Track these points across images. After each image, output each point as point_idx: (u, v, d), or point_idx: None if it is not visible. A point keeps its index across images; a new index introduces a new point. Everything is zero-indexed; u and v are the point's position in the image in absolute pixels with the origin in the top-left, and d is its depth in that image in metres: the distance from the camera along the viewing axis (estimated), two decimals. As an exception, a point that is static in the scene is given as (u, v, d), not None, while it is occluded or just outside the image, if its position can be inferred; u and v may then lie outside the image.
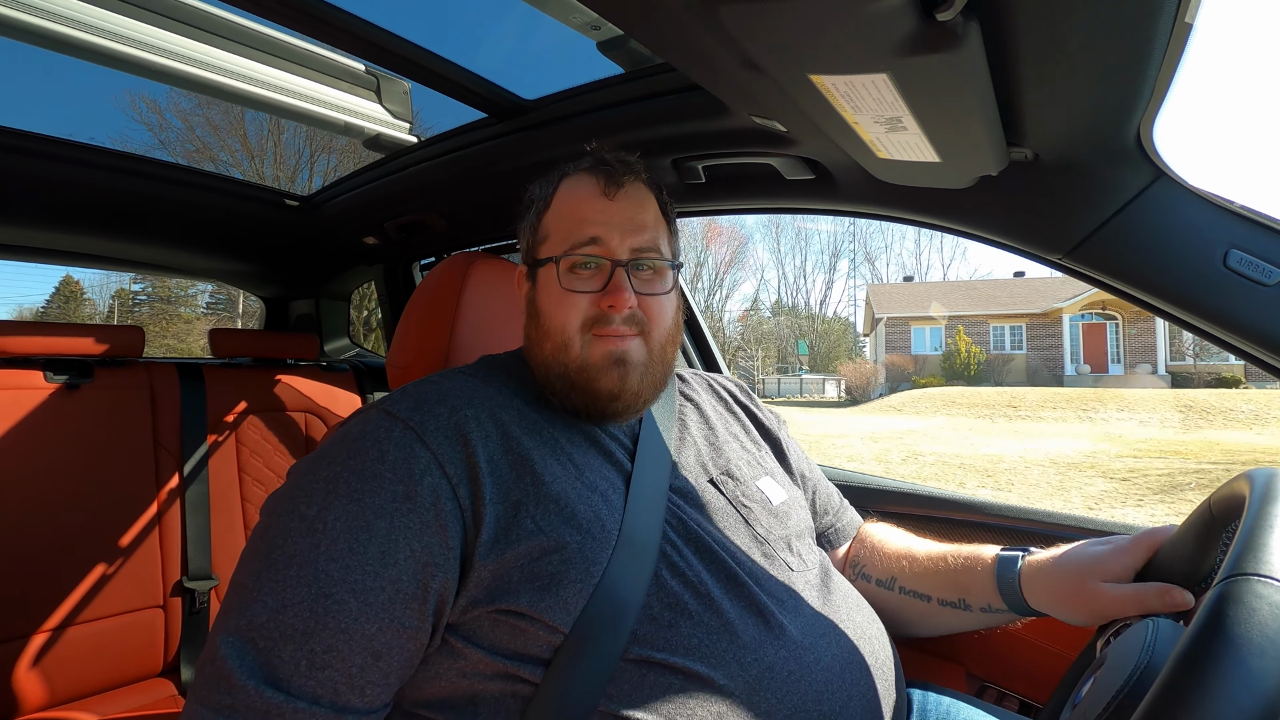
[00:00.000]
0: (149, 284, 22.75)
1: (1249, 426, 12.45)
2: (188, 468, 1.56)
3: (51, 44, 1.06)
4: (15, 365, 1.42)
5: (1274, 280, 0.72)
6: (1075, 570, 0.71)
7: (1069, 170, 0.80)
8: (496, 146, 1.28)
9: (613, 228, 0.74)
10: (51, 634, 1.34)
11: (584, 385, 0.72)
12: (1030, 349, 21.74)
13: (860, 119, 0.68)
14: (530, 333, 0.78)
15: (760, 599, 0.67)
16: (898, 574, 0.88)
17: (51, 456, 1.39)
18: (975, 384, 20.13)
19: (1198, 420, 13.19)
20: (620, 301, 0.72)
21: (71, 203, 1.50)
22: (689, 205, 1.28)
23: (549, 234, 0.77)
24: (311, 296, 2.27)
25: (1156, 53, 0.56)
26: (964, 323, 22.21)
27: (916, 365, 22.14)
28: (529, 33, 1.11)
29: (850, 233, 41.73)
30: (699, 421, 0.88)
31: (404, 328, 1.01)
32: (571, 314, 0.73)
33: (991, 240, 0.96)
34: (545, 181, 0.81)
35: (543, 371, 0.75)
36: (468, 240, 1.69)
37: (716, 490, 0.78)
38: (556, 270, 0.74)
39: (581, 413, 0.74)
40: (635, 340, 0.74)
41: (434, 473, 0.61)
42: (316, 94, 1.33)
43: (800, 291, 38.68)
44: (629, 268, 0.74)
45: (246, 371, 1.77)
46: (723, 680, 0.60)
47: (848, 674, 0.67)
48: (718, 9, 0.54)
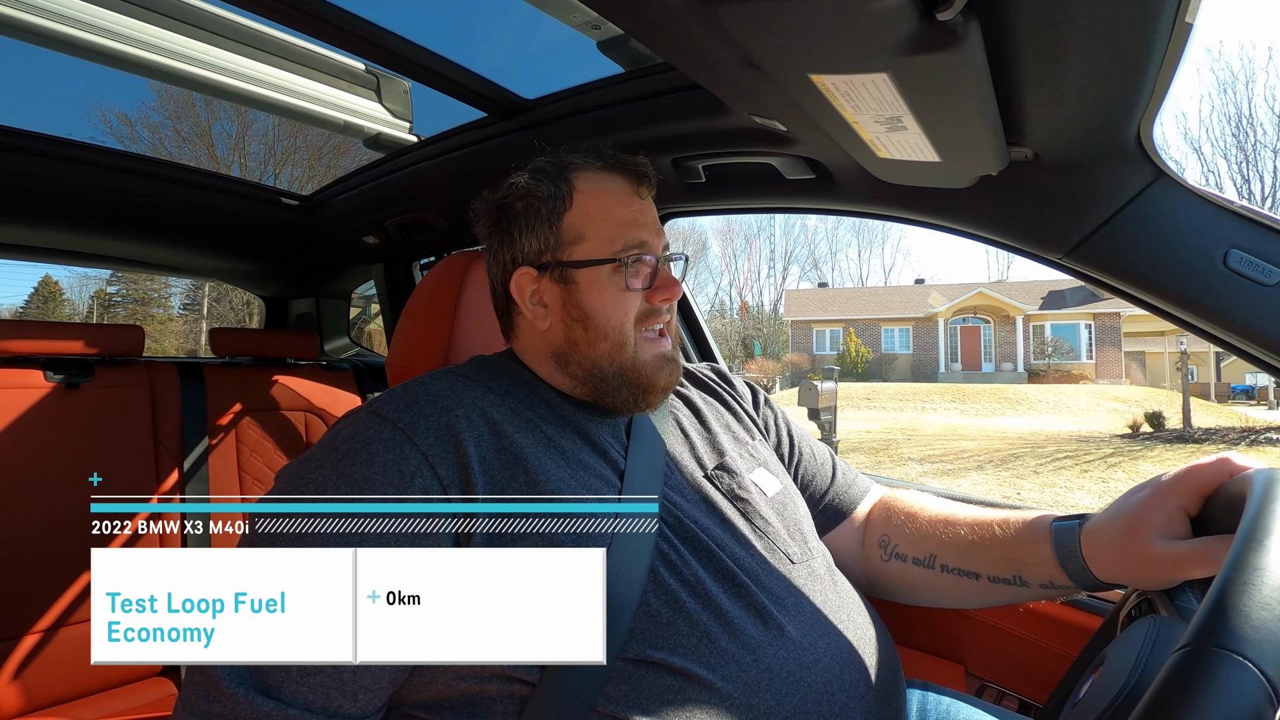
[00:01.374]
0: (124, 285, 23.07)
1: (1038, 413, 15.53)
2: (187, 466, 1.56)
3: (53, 43, 1.06)
4: (15, 364, 1.42)
5: (1274, 280, 0.72)
6: (1125, 530, 0.63)
7: (1069, 170, 0.80)
8: (496, 146, 1.28)
9: (650, 229, 0.77)
10: (51, 633, 1.34)
11: (638, 382, 0.75)
12: (915, 349, 24.52)
13: (860, 118, 0.68)
14: (575, 336, 0.75)
15: (758, 598, 0.67)
16: (937, 550, 0.81)
17: (52, 455, 1.39)
18: (863, 380, 23.04)
19: (1005, 409, 16.34)
20: (674, 293, 0.76)
21: (71, 202, 1.50)
22: (689, 205, 1.28)
23: (584, 235, 0.75)
24: (311, 296, 2.27)
25: (1157, 52, 0.56)
26: (857, 325, 25.28)
27: (813, 363, 24.47)
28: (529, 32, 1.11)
29: (799, 238, 43.69)
30: (690, 415, 0.87)
31: (403, 328, 1.01)
32: (628, 313, 0.75)
33: (991, 240, 0.96)
34: (548, 179, 0.77)
35: (593, 372, 0.75)
36: (468, 239, 1.69)
37: (713, 485, 0.77)
38: (611, 271, 0.74)
39: (622, 406, 0.76)
40: (666, 338, 0.78)
41: (425, 474, 0.61)
42: (317, 93, 1.33)
43: (754, 294, 39.91)
44: (663, 262, 0.78)
45: (246, 371, 1.77)
46: (720, 683, 0.60)
47: (847, 674, 0.66)
48: (718, 8, 0.53)
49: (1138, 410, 13.58)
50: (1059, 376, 21.66)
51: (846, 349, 24.66)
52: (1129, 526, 0.63)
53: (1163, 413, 12.63)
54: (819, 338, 26.31)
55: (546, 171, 0.77)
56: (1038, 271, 46.29)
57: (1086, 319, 22.79)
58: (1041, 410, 16.04)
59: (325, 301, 2.28)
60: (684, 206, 1.29)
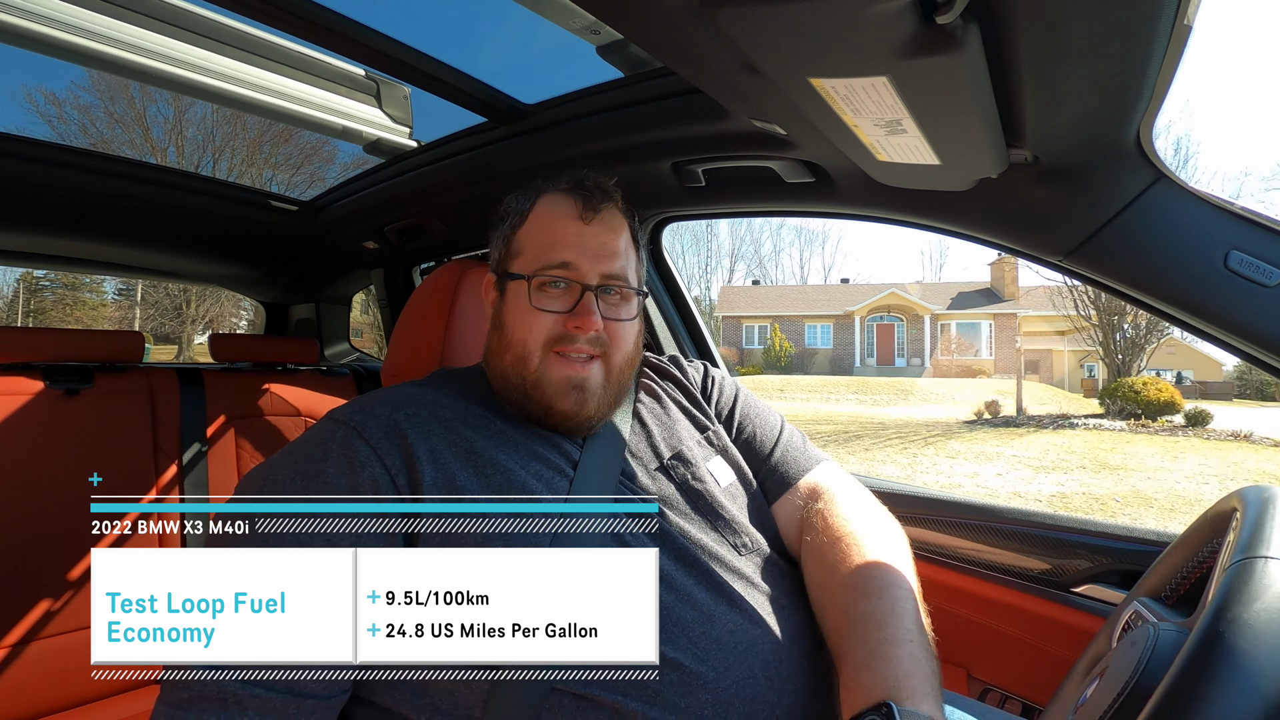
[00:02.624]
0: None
1: (926, 403, 16.96)
2: (186, 472, 1.56)
3: (57, 51, 1.07)
4: (15, 371, 1.42)
5: (1274, 282, 0.72)
6: None
7: (1069, 172, 0.80)
8: (496, 151, 1.29)
9: (585, 252, 0.77)
10: (52, 640, 1.34)
11: (539, 400, 0.75)
12: (836, 344, 26.37)
13: (860, 122, 0.68)
14: (491, 342, 0.80)
15: (714, 577, 0.69)
16: (823, 601, 0.73)
17: (52, 462, 1.39)
18: (786, 373, 24.84)
19: (898, 400, 17.58)
20: (587, 324, 0.75)
21: (69, 208, 1.50)
22: (688, 208, 1.28)
23: (521, 250, 0.79)
24: (311, 301, 2.27)
25: (1156, 55, 0.56)
26: (783, 321, 26.95)
27: (741, 357, 26.75)
28: (528, 37, 1.11)
29: (744, 237, 45.61)
30: (651, 404, 0.88)
31: (399, 334, 1.01)
32: (535, 330, 0.76)
33: (992, 242, 0.96)
34: (523, 195, 0.83)
35: (500, 381, 0.78)
36: (468, 245, 1.69)
37: (667, 476, 0.79)
38: (527, 287, 0.76)
39: (535, 421, 0.77)
40: (595, 364, 0.77)
41: (374, 464, 0.64)
42: (317, 99, 1.34)
43: (702, 288, 40.99)
44: (598, 292, 0.77)
45: (246, 376, 1.76)
46: (673, 654, 0.62)
47: (796, 647, 0.69)
48: (717, 13, 0.54)
49: (1007, 400, 15.31)
50: (960, 371, 23.49)
51: (771, 343, 26.21)
52: None
53: (999, 402, 14.44)
54: (748, 332, 27.66)
55: (525, 190, 0.83)
56: (961, 275, 46.73)
57: (988, 319, 24.50)
58: (931, 401, 17.28)
59: (325, 307, 2.28)
60: (684, 210, 1.30)
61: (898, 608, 0.66)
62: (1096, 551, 1.01)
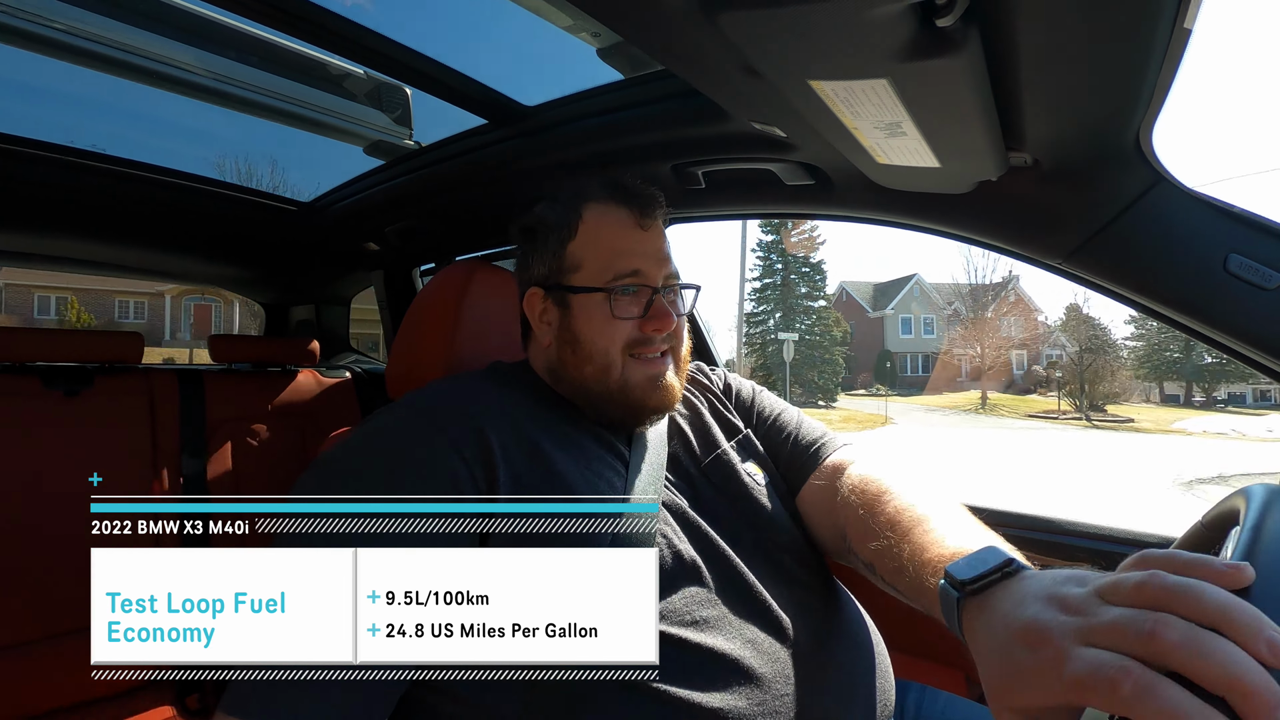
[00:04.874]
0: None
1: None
2: (186, 473, 1.56)
3: (57, 51, 1.07)
4: (14, 372, 1.42)
5: (1274, 284, 0.72)
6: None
7: (1068, 175, 0.80)
8: (497, 152, 1.29)
9: (650, 259, 0.80)
10: (51, 642, 1.33)
11: (627, 402, 0.78)
12: (149, 320, 24.97)
13: (860, 124, 0.68)
14: (564, 355, 0.81)
15: (748, 579, 0.70)
16: (876, 561, 0.70)
17: (51, 462, 1.39)
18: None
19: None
20: (665, 325, 0.79)
21: (69, 208, 1.50)
22: (688, 210, 1.28)
23: (582, 263, 0.80)
24: (311, 302, 2.26)
25: (1155, 57, 0.56)
26: (83, 295, 24.73)
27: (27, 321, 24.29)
28: (529, 39, 1.11)
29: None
30: (686, 411, 0.90)
31: (404, 336, 1.01)
32: (616, 339, 0.78)
33: (991, 245, 0.96)
34: (560, 206, 0.83)
35: (577, 390, 0.80)
36: (468, 246, 1.69)
37: (707, 479, 0.81)
38: (604, 299, 0.78)
39: (616, 423, 0.79)
40: (667, 359, 0.81)
41: (452, 458, 0.65)
42: (318, 100, 1.34)
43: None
44: (662, 292, 0.80)
45: (246, 378, 1.76)
46: (712, 641, 0.63)
47: (844, 674, 0.70)
48: (718, 15, 0.54)
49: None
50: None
51: (69, 316, 24.83)
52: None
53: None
54: (41, 302, 25.29)
55: (562, 200, 0.83)
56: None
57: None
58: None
59: (325, 308, 2.28)
60: (684, 212, 1.30)
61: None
62: (1098, 554, 1.01)
